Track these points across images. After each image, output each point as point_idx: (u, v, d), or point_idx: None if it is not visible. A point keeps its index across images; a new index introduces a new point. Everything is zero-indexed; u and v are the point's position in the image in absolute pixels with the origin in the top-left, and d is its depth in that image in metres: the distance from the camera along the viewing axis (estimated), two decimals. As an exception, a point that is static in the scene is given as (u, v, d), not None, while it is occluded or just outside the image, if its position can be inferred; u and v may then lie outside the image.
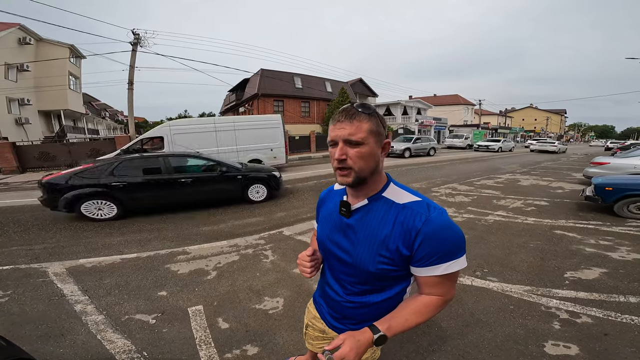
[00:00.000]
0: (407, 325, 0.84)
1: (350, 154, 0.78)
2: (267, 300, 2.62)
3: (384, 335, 0.81)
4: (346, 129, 0.77)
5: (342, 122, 0.78)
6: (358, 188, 0.87)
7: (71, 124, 25.16)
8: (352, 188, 0.89)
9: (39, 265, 3.38)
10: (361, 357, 0.80)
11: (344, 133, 0.77)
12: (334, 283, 1.03)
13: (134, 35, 13.77)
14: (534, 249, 3.59)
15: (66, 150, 13.66)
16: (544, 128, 62.45)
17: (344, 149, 0.78)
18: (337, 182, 0.85)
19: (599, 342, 1.99)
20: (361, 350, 0.79)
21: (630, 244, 3.72)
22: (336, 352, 0.77)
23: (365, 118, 0.78)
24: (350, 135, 0.76)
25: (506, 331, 2.14)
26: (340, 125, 0.78)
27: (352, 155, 0.78)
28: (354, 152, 0.77)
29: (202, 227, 4.74)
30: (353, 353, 0.77)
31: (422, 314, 0.85)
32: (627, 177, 5.46)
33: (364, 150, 0.78)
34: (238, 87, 28.67)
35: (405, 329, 0.85)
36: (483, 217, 4.98)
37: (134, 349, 2.02)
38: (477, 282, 2.85)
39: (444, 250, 0.79)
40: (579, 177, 9.29)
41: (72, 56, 23.13)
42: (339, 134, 0.78)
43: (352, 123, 0.77)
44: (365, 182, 0.84)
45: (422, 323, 0.86)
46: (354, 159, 0.78)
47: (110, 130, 36.16)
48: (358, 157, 0.78)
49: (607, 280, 2.82)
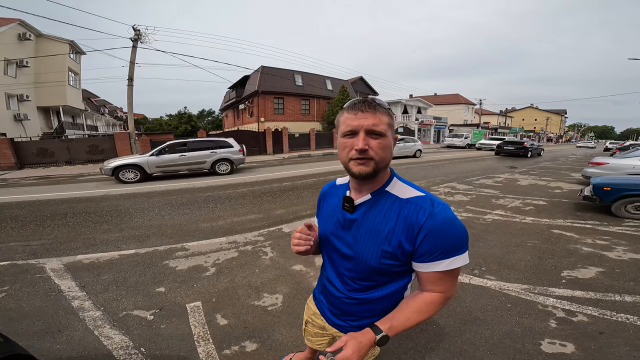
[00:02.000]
0: (409, 324, 0.84)
1: (372, 144, 0.77)
2: (266, 297, 2.62)
3: (386, 335, 0.81)
4: (369, 120, 0.76)
5: (365, 112, 0.77)
6: (367, 181, 0.86)
7: (70, 120, 25.07)
8: (363, 180, 0.86)
9: (36, 261, 3.37)
10: (363, 358, 0.79)
11: (368, 123, 0.76)
12: (335, 279, 1.03)
13: (135, 31, 13.71)
14: (531, 248, 3.61)
15: (65, 147, 13.63)
16: (544, 128, 62.55)
17: (366, 139, 0.77)
18: (354, 171, 0.81)
19: (594, 341, 2.00)
20: (363, 352, 0.78)
21: (627, 243, 3.73)
22: (338, 355, 0.76)
23: (384, 111, 0.79)
24: (374, 126, 0.76)
25: (503, 329, 2.15)
26: (363, 115, 0.77)
27: (374, 145, 0.77)
28: (376, 143, 0.77)
29: (201, 223, 4.74)
30: (355, 356, 0.76)
31: (423, 312, 0.84)
32: (626, 178, 5.48)
33: (385, 142, 0.78)
34: (238, 84, 28.59)
35: (407, 327, 0.84)
36: (482, 216, 4.99)
37: (131, 345, 2.01)
38: (475, 280, 2.86)
39: (447, 246, 0.78)
40: (578, 177, 9.31)
41: (71, 52, 22.98)
42: (362, 123, 0.77)
43: (375, 114, 0.77)
44: (378, 174, 0.83)
45: (423, 321, 0.85)
46: (375, 149, 0.77)
47: (110, 127, 36.01)
48: (380, 148, 0.78)
49: (603, 280, 2.83)
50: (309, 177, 9.37)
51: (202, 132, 16.03)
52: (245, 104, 26.99)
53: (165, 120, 35.28)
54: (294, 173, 10.33)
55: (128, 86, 14.03)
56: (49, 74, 20.58)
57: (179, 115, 32.10)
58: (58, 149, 13.54)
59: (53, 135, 19.14)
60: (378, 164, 0.79)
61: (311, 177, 9.37)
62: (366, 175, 0.81)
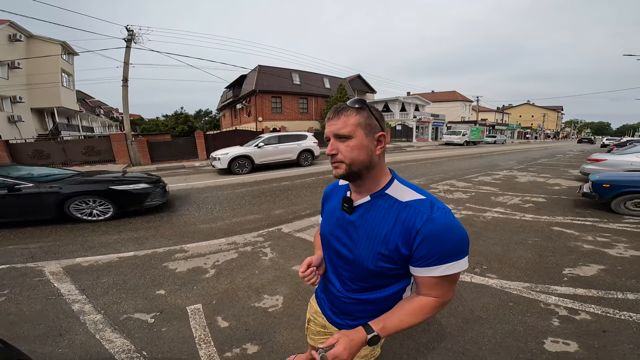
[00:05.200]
0: (402, 326, 0.85)
1: (340, 148, 0.81)
2: (267, 298, 2.61)
3: (377, 335, 0.82)
4: (335, 125, 0.81)
5: (331, 119, 0.82)
6: (357, 183, 0.88)
7: (65, 121, 24.88)
8: (351, 182, 0.91)
9: (35, 264, 3.34)
10: (354, 356, 0.81)
11: (333, 128, 0.81)
12: (334, 278, 1.04)
13: (128, 32, 13.59)
14: (532, 246, 3.61)
15: (60, 148, 13.52)
16: (541, 125, 62.81)
17: (334, 144, 0.82)
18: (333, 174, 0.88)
19: (597, 339, 2.00)
20: (354, 350, 0.80)
21: (628, 240, 3.74)
22: (330, 351, 0.78)
23: (352, 112, 0.80)
24: (338, 130, 0.80)
25: (506, 328, 2.14)
26: (330, 122, 0.82)
27: (342, 149, 0.81)
28: (343, 146, 0.80)
29: (200, 224, 4.71)
30: (346, 353, 0.78)
31: (417, 315, 0.85)
32: (624, 174, 5.49)
33: (353, 143, 0.80)
34: (235, 83, 28.45)
35: (400, 329, 0.85)
36: (481, 214, 4.99)
37: (133, 348, 2.00)
38: (477, 279, 2.86)
39: (444, 251, 0.77)
40: (576, 174, 9.34)
41: (64, 53, 22.77)
42: (329, 129, 0.82)
43: (340, 118, 0.80)
44: (360, 176, 0.84)
45: (417, 324, 0.86)
46: (343, 152, 0.81)
47: (105, 128, 35.74)
48: (347, 151, 0.80)
49: (605, 277, 2.83)
50: (308, 177, 9.35)
51: (200, 133, 15.92)
52: (242, 103, 26.88)
53: (161, 120, 34.99)
54: (292, 172, 10.31)
55: (123, 87, 13.92)
56: (41, 75, 20.40)
57: (175, 116, 31.87)
58: (54, 150, 13.43)
59: (48, 137, 18.95)
60: (350, 166, 0.81)
61: (310, 177, 9.35)
62: (342, 177, 0.85)
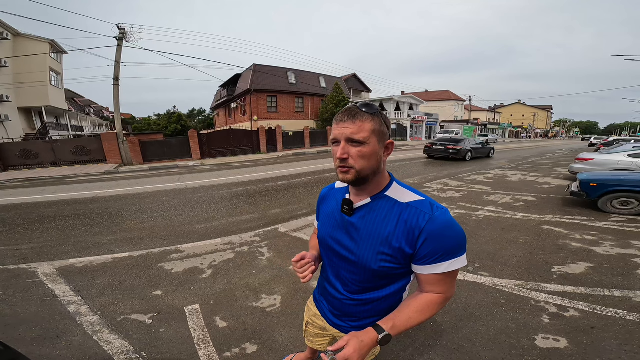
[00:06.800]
0: (411, 324, 0.86)
1: (352, 152, 0.79)
2: (265, 298, 2.63)
3: (389, 334, 0.82)
4: (349, 128, 0.78)
5: (345, 121, 0.79)
6: (360, 187, 0.88)
7: (54, 120, 24.32)
8: (354, 186, 0.90)
9: (27, 265, 3.29)
10: (364, 357, 0.80)
11: (347, 132, 0.78)
12: (335, 281, 1.04)
13: (119, 30, 13.39)
14: (523, 244, 3.70)
15: (49, 148, 13.27)
16: (531, 124, 63.87)
17: (346, 148, 0.79)
18: (339, 179, 0.86)
19: (586, 335, 2.07)
20: (365, 352, 0.80)
21: (614, 239, 3.85)
22: (340, 353, 0.77)
23: (368, 118, 0.79)
24: (353, 135, 0.78)
25: (499, 325, 2.20)
26: (343, 124, 0.79)
27: (353, 154, 0.79)
28: (356, 151, 0.79)
29: (195, 224, 4.69)
30: (357, 355, 0.78)
31: (424, 312, 0.86)
32: (611, 173, 5.64)
33: (366, 149, 0.79)
34: (229, 82, 28.22)
35: (409, 327, 0.86)
36: (474, 213, 5.08)
37: (132, 349, 2.00)
38: (470, 277, 2.92)
39: (447, 248, 0.80)
40: (565, 173, 9.55)
41: (52, 51, 22.24)
42: (342, 132, 0.79)
43: (355, 123, 0.78)
44: (366, 181, 0.84)
45: (424, 321, 0.88)
46: (355, 158, 0.79)
47: (96, 127, 35.09)
48: (359, 156, 0.79)
49: (592, 275, 2.92)
50: (304, 176, 9.36)
51: (193, 132, 15.74)
52: (237, 102, 26.69)
53: (154, 119, 34.50)
54: (288, 172, 10.31)
55: (114, 86, 13.71)
56: (29, 74, 19.89)
57: (168, 115, 31.45)
58: (42, 150, 13.17)
59: (36, 137, 18.53)
60: (359, 172, 0.80)
61: (306, 176, 9.36)
62: (350, 183, 0.84)
